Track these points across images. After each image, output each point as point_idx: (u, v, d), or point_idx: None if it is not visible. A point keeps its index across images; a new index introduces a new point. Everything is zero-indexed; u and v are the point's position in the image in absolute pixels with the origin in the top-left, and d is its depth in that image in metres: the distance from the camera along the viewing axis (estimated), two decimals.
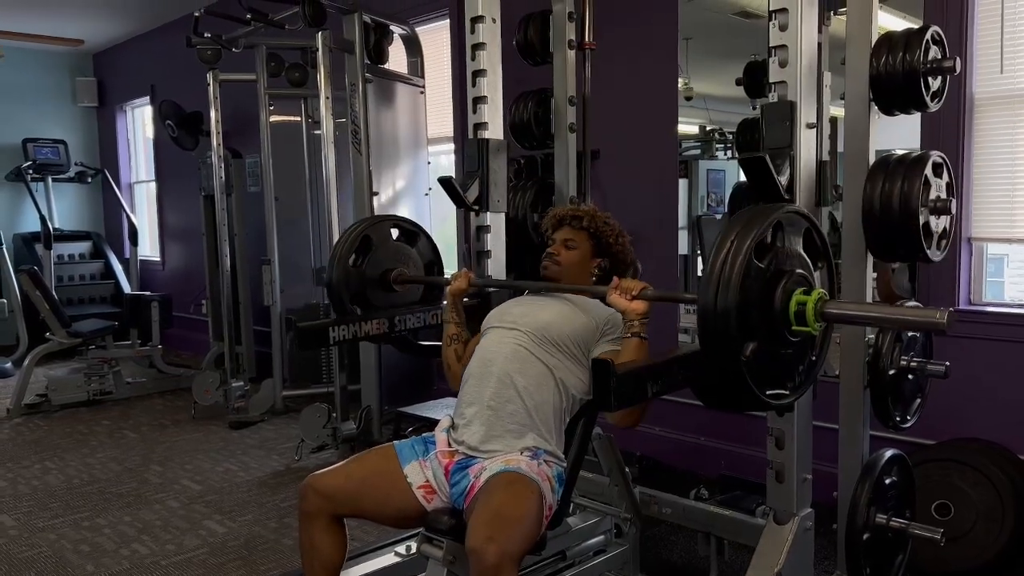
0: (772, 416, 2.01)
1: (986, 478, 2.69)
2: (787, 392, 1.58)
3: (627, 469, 2.68)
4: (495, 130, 2.64)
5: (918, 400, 2.18)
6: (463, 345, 2.33)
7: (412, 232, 2.67)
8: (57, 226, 7.43)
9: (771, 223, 1.47)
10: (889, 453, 2.09)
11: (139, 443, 4.57)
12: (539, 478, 1.90)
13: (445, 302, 2.39)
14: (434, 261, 2.70)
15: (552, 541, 2.13)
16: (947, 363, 2.08)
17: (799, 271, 1.53)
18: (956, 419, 2.87)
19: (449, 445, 2.05)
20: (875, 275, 2.14)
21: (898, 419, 2.10)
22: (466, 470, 1.97)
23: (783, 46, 1.89)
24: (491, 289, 2.63)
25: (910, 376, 2.10)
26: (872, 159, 2.03)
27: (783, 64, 1.90)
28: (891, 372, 2.04)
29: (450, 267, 5.06)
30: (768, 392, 1.52)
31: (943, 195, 1.99)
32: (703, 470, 3.62)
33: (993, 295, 3.05)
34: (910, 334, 2.10)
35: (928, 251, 1.97)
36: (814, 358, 1.63)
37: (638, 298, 1.87)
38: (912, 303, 2.15)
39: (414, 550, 2.28)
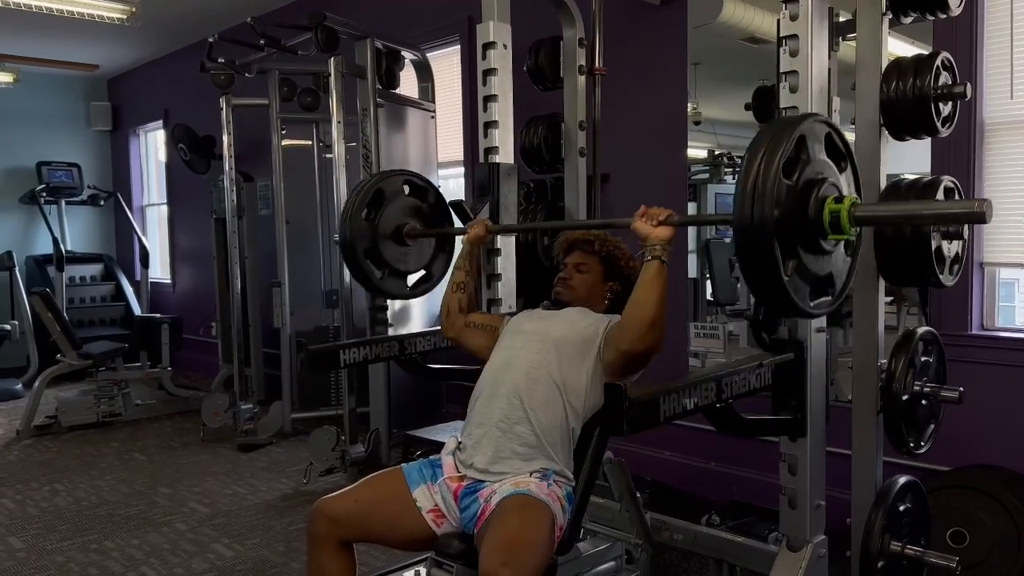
0: (785, 442, 2.00)
1: (1001, 506, 2.66)
2: (830, 299, 1.61)
3: (638, 494, 2.67)
4: (506, 154, 2.66)
5: (932, 426, 2.16)
6: (467, 296, 2.40)
7: (422, 188, 2.69)
8: (69, 248, 7.48)
9: (796, 138, 1.48)
10: (903, 479, 2.07)
11: (148, 465, 4.56)
12: (549, 499, 1.89)
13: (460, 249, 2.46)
14: (444, 217, 2.72)
15: (563, 567, 2.11)
16: (961, 388, 2.06)
17: (828, 179, 1.54)
18: (971, 445, 2.84)
19: (457, 469, 2.04)
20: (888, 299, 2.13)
21: (912, 445, 2.09)
22: (475, 494, 1.96)
23: (794, 72, 1.90)
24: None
25: (923, 401, 2.09)
26: (883, 184, 2.03)
27: (793, 89, 1.91)
28: (904, 397, 2.02)
29: None
30: (812, 303, 1.56)
31: None
32: (714, 496, 3.59)
33: (1005, 320, 3.03)
34: (923, 358, 2.09)
35: (940, 276, 1.97)
36: (851, 259, 1.65)
37: (664, 224, 1.88)
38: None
39: (423, 575, 2.27)
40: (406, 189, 2.64)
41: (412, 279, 2.73)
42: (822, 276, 1.57)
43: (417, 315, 4.76)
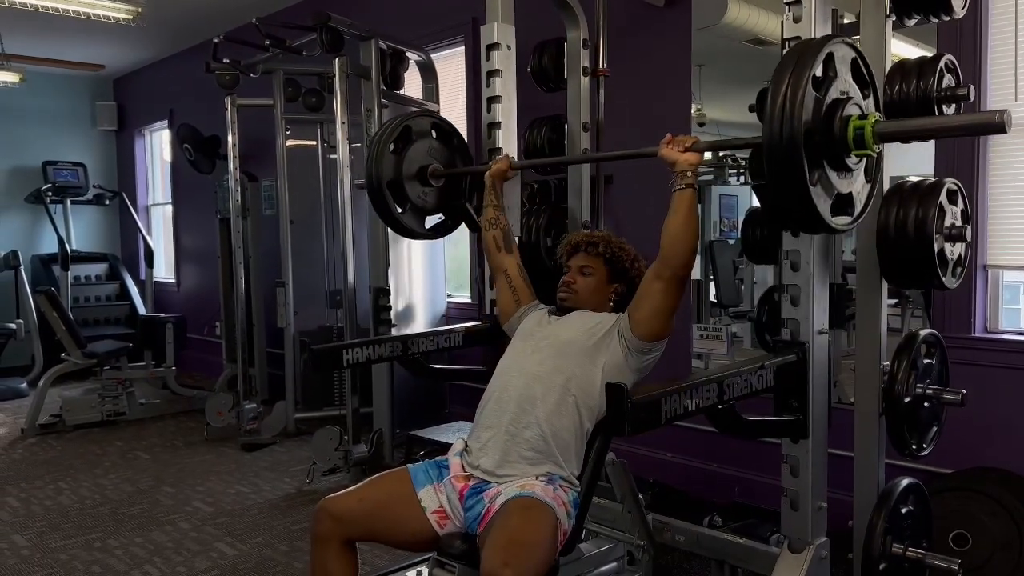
0: (787, 443, 2.00)
1: (1004, 508, 2.66)
2: (849, 219, 1.67)
3: (640, 496, 2.67)
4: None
5: (934, 428, 2.16)
6: (501, 232, 2.46)
7: (448, 133, 2.75)
8: (74, 248, 7.50)
9: (824, 54, 1.53)
10: (905, 482, 2.07)
11: (151, 464, 4.58)
12: (554, 503, 1.89)
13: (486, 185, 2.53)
14: (466, 164, 2.78)
15: (565, 568, 2.11)
16: (963, 391, 2.06)
17: (853, 99, 1.59)
18: (973, 448, 2.84)
19: (463, 469, 2.05)
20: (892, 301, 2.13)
21: (914, 447, 2.08)
22: (481, 494, 1.97)
23: None
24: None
25: (926, 404, 2.08)
26: (887, 185, 2.03)
27: None
28: (907, 400, 2.02)
29: (463, 287, 5.10)
30: (834, 218, 1.61)
31: (958, 222, 1.99)
32: (716, 497, 3.59)
33: (1010, 323, 3.03)
34: (926, 361, 2.09)
35: (943, 278, 1.96)
36: (870, 184, 1.70)
37: (691, 150, 1.95)
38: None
39: (426, 575, 2.27)
40: (434, 132, 2.71)
41: (430, 222, 2.79)
42: (843, 194, 1.62)
43: (420, 315, 4.77)
